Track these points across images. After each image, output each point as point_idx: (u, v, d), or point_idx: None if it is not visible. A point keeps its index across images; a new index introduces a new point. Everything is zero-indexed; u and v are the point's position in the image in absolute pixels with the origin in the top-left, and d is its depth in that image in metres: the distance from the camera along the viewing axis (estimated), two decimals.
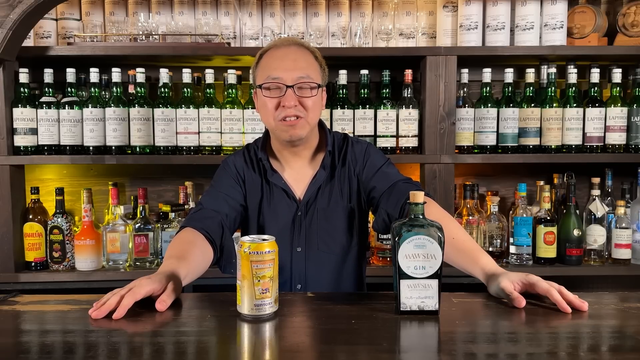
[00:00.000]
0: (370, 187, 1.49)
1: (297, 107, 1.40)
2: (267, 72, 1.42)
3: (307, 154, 1.53)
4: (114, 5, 2.31)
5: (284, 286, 1.48)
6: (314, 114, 1.44)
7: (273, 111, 1.42)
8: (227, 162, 1.56)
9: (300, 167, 1.52)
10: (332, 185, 1.51)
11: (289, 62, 1.41)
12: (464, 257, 1.26)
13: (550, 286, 1.10)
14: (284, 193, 1.50)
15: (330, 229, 1.50)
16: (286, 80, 1.39)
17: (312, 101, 1.42)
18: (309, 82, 1.41)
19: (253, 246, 1.03)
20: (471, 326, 1.04)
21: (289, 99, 1.39)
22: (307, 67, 1.43)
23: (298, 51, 1.44)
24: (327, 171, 1.51)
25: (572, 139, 2.20)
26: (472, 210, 2.22)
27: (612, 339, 0.97)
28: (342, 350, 0.91)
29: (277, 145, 1.52)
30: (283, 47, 1.45)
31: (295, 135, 1.42)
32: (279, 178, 1.50)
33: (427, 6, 2.33)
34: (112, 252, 2.14)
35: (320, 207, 1.50)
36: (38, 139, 2.13)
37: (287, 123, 1.40)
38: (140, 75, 2.16)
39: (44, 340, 0.96)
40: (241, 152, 1.58)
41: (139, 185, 2.27)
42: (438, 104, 2.16)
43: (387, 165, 1.53)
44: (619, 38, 2.28)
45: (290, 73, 1.40)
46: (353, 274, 1.54)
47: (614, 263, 2.21)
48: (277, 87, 1.40)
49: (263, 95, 1.42)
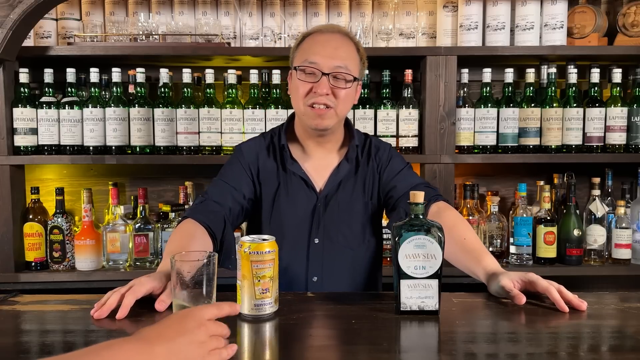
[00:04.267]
0: (391, 187, 1.48)
1: (328, 96, 1.37)
2: (306, 55, 1.39)
3: (331, 146, 1.51)
4: (114, 5, 2.31)
5: (299, 278, 1.46)
6: (344, 106, 1.42)
7: (304, 96, 1.39)
8: (241, 148, 1.52)
9: (322, 157, 1.50)
10: (355, 180, 1.50)
11: (330, 50, 1.38)
12: (469, 257, 1.27)
13: (549, 284, 1.10)
14: (303, 183, 1.47)
15: (350, 222, 1.48)
16: (323, 67, 1.36)
17: (344, 93, 1.39)
18: (345, 73, 1.38)
19: (253, 246, 1.03)
20: (471, 326, 1.04)
21: (322, 86, 1.36)
22: (347, 58, 1.39)
23: (341, 40, 1.41)
24: (352, 164, 1.50)
25: (572, 139, 2.20)
26: (472, 210, 2.22)
27: (612, 339, 0.97)
28: (342, 350, 0.91)
29: (302, 133, 1.49)
30: (327, 33, 1.42)
31: (322, 125, 1.40)
32: (298, 167, 1.47)
33: (427, 6, 2.33)
34: (112, 252, 2.14)
35: (342, 200, 1.48)
36: (38, 139, 2.13)
37: (316, 111, 1.38)
38: (140, 75, 2.16)
39: (44, 340, 0.96)
40: (258, 139, 1.54)
41: (139, 185, 2.27)
42: (438, 104, 2.16)
43: (409, 168, 1.54)
44: (619, 38, 2.27)
45: (329, 60, 1.37)
46: (369, 270, 1.52)
47: (614, 263, 2.21)
48: (312, 73, 1.37)
49: (297, 77, 1.39)
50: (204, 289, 0.96)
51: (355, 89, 1.44)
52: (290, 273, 1.45)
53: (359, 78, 1.45)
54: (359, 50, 1.45)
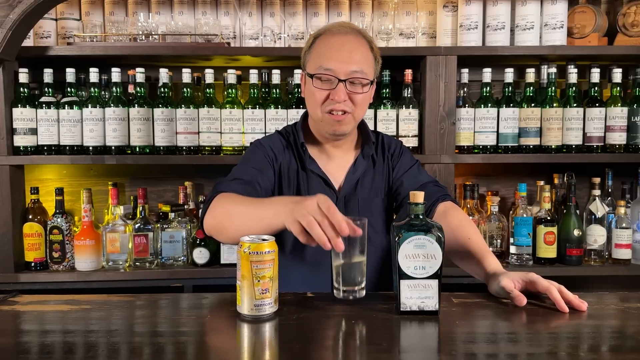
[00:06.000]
0: (399, 184, 1.48)
1: (346, 102, 1.35)
2: (320, 61, 1.36)
3: (347, 145, 1.50)
4: (113, 5, 2.31)
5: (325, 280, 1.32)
6: (362, 110, 1.40)
7: (321, 102, 1.37)
8: (261, 142, 1.48)
9: (339, 157, 1.49)
10: (373, 177, 1.49)
11: (345, 54, 1.34)
12: (472, 257, 1.26)
13: (550, 284, 1.10)
14: (322, 181, 1.46)
15: (372, 219, 1.44)
16: (339, 74, 1.34)
17: (361, 97, 1.37)
18: (361, 77, 1.35)
19: (253, 246, 1.03)
20: (471, 326, 1.04)
21: (340, 93, 1.34)
22: (362, 61, 1.36)
23: (355, 41, 1.37)
24: (368, 161, 1.49)
25: (573, 139, 2.20)
26: (472, 210, 2.22)
27: (612, 339, 0.97)
28: (342, 350, 0.91)
29: (318, 135, 1.48)
30: (340, 34, 1.38)
31: (340, 130, 1.39)
32: (317, 166, 1.46)
33: (427, 6, 2.33)
34: (112, 252, 2.14)
35: (362, 198, 1.47)
36: (38, 139, 2.13)
37: (334, 117, 1.36)
38: (140, 75, 2.16)
39: (44, 340, 0.96)
40: (276, 136, 1.51)
41: (139, 185, 2.27)
42: (438, 103, 2.16)
43: (418, 166, 1.54)
44: (619, 38, 2.27)
45: (345, 66, 1.34)
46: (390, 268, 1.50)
47: (614, 263, 2.21)
48: (329, 79, 1.35)
49: (313, 85, 1.37)
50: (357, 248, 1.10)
51: (371, 92, 1.42)
52: (316, 272, 1.41)
53: (375, 79, 1.43)
54: (373, 48, 1.42)
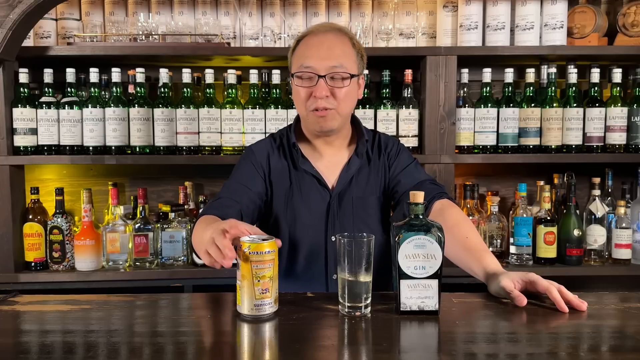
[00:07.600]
0: (396, 182, 1.48)
1: (328, 99, 1.37)
2: (301, 60, 1.39)
3: (340, 143, 1.51)
4: (113, 5, 2.31)
5: (319, 277, 1.45)
6: (346, 105, 1.41)
7: (305, 101, 1.40)
8: (252, 149, 1.52)
9: (332, 155, 1.50)
10: (367, 175, 1.50)
11: (324, 51, 1.37)
12: (470, 256, 1.26)
13: (550, 284, 1.10)
14: (315, 180, 1.47)
15: (366, 218, 1.47)
16: (318, 70, 1.36)
17: (343, 92, 1.39)
18: (341, 72, 1.37)
19: (253, 246, 1.03)
20: (471, 326, 1.04)
21: (320, 89, 1.36)
22: (342, 56, 1.38)
23: (335, 38, 1.40)
24: (363, 159, 1.49)
25: (573, 139, 2.20)
26: (472, 211, 2.22)
27: (612, 339, 0.97)
28: (342, 351, 0.91)
29: (310, 134, 1.49)
30: (320, 33, 1.41)
31: (326, 126, 1.41)
32: (310, 165, 1.47)
33: (427, 6, 2.33)
34: (112, 252, 2.14)
35: (356, 196, 1.47)
36: (38, 139, 2.13)
37: (318, 114, 1.38)
38: (140, 75, 2.16)
39: (43, 340, 0.96)
40: (268, 139, 1.55)
41: (139, 185, 2.27)
42: (438, 104, 2.16)
43: (416, 164, 1.54)
44: (619, 38, 2.27)
45: (324, 62, 1.36)
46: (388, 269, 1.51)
47: (614, 263, 2.21)
48: (309, 77, 1.38)
49: (295, 84, 1.40)
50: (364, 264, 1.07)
51: (356, 85, 1.43)
52: (310, 272, 1.45)
53: (358, 73, 1.43)
54: (355, 44, 1.43)
